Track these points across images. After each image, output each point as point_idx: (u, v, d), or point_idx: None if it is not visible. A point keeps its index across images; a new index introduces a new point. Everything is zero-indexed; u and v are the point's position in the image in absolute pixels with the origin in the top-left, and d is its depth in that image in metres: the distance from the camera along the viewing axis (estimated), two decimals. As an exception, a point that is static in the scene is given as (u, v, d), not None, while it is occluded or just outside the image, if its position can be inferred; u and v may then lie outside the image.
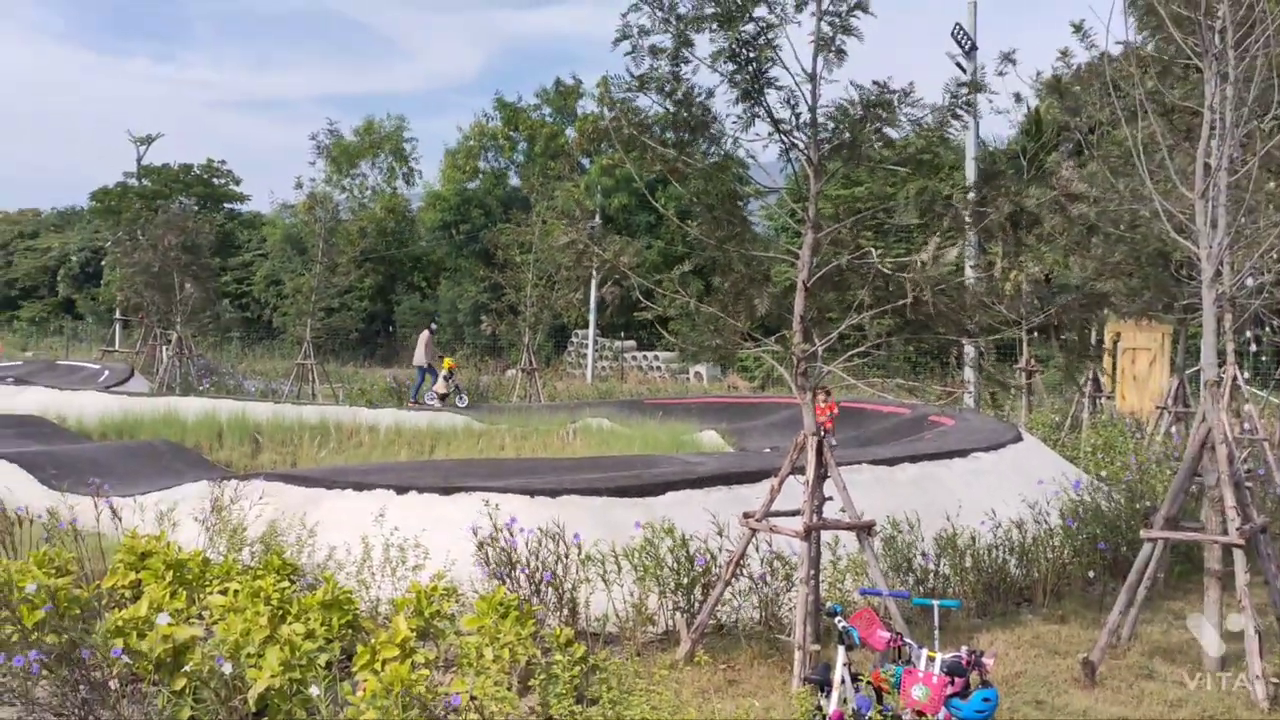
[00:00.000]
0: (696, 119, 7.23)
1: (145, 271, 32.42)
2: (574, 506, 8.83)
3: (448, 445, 18.56)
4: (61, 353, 48.65)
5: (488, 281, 33.68)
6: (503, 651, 5.92)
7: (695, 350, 7.87)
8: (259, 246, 57.26)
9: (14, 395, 23.64)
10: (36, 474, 12.53)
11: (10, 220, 74.26)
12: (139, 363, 36.11)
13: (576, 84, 53.54)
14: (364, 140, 56.40)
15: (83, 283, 64.28)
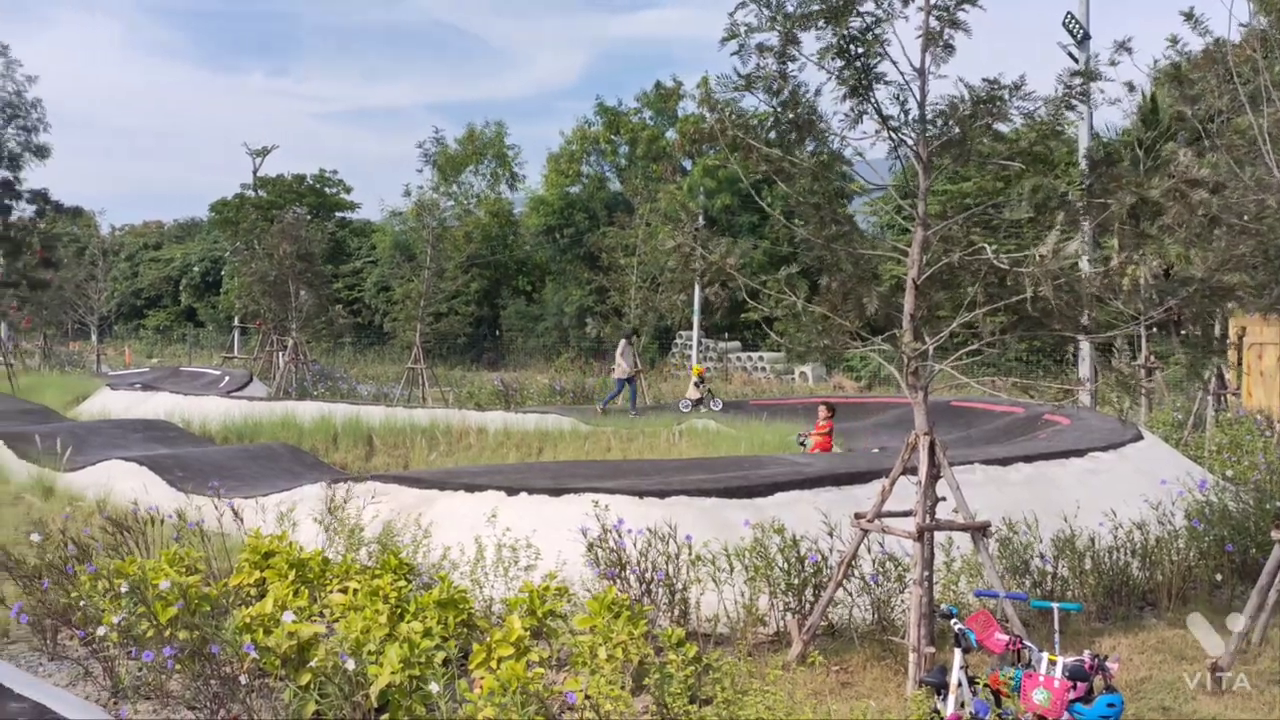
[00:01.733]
0: (803, 117, 7.18)
1: (262, 280, 33.40)
2: (683, 507, 8.84)
3: (555, 447, 18.74)
4: (184, 359, 50.38)
5: (592, 284, 33.94)
6: (616, 651, 5.96)
7: (803, 351, 7.79)
8: (369, 253, 58.53)
9: (142, 400, 24.60)
10: (164, 476, 13.00)
11: (136, 233, 77.18)
12: (257, 368, 37.21)
13: (677, 86, 53.61)
14: (466, 147, 57.25)
15: (203, 291, 66.50)
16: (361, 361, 47.83)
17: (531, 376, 37.71)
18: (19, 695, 5.22)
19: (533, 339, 52.77)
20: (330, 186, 65.04)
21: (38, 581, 7.70)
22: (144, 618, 6.72)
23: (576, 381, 33.66)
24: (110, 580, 7.15)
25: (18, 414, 20.43)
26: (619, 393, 25.71)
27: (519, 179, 58.77)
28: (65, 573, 7.71)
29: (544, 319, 52.51)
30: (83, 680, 6.84)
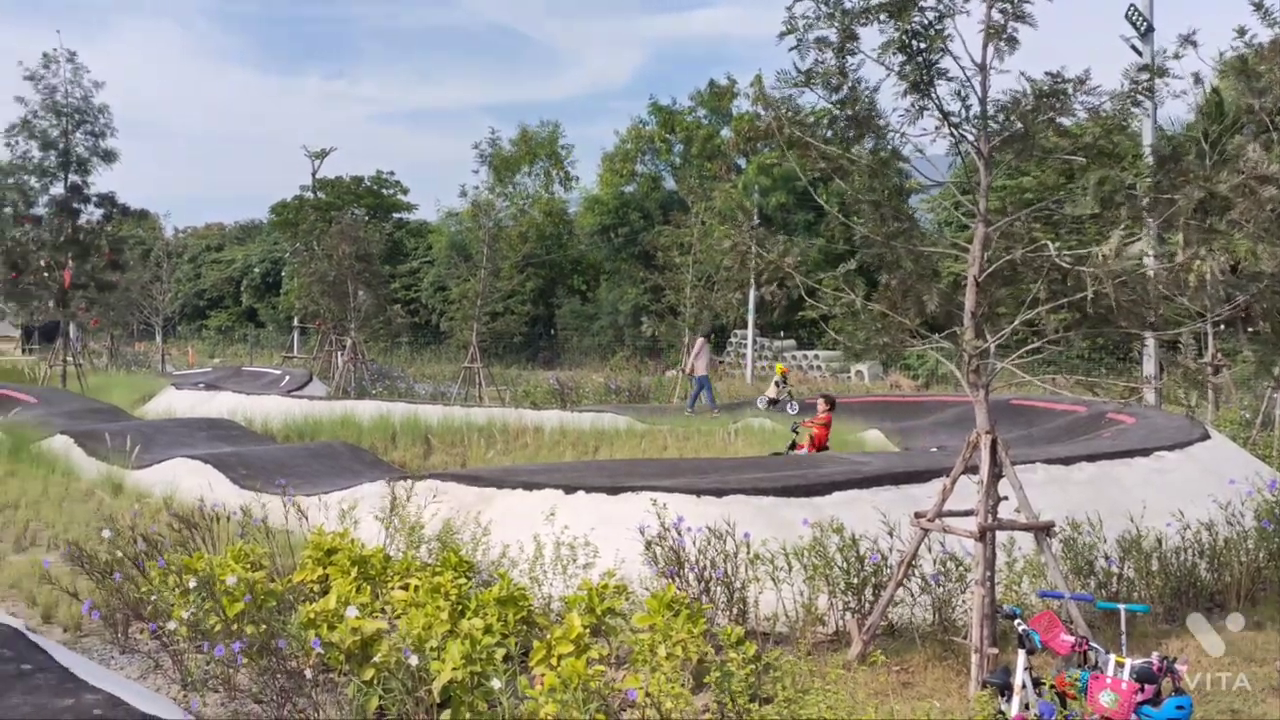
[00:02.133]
0: (861, 114, 7.14)
1: (321, 280, 33.87)
2: (740, 506, 8.83)
3: (611, 446, 18.78)
4: (246, 359, 51.16)
5: (647, 283, 33.99)
6: (675, 649, 5.97)
7: (862, 348, 7.75)
8: (425, 254, 59.08)
9: (206, 400, 25.03)
10: (228, 474, 13.22)
11: (199, 235, 78.53)
12: (316, 368, 37.66)
13: (731, 84, 53.53)
14: (520, 148, 57.53)
15: (264, 292, 67.48)
16: (418, 361, 48.28)
17: (587, 375, 37.84)
18: (93, 687, 5.34)
19: (588, 338, 52.94)
20: (387, 188, 65.67)
21: (109, 576, 7.88)
22: (212, 612, 6.85)
23: (632, 380, 33.72)
24: (179, 575, 7.29)
25: (87, 413, 20.87)
26: (710, 390, 25.54)
27: (572, 179, 58.98)
28: (136, 567, 7.88)
29: (599, 318, 52.66)
30: (153, 673, 6.99)
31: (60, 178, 29.59)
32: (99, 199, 30.11)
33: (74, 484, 14.38)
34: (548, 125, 58.87)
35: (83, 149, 29.59)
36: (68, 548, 8.78)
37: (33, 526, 11.58)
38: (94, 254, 29.90)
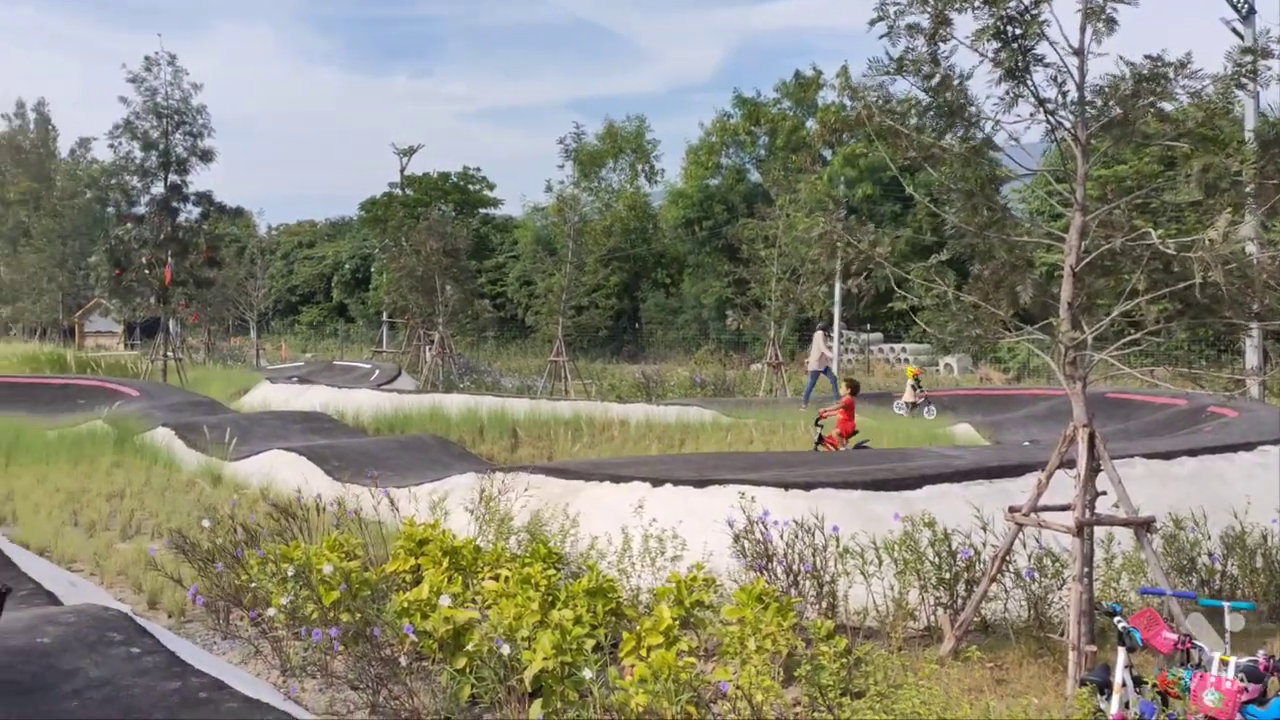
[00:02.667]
0: (954, 102, 7.03)
1: (410, 275, 34.39)
2: (829, 499, 8.77)
3: (696, 439, 18.79)
4: (336, 353, 52.15)
5: (731, 276, 33.87)
6: (765, 642, 5.95)
7: (953, 340, 7.63)
8: (511, 248, 59.61)
9: (299, 393, 25.58)
10: (322, 466, 13.49)
11: (291, 232, 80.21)
12: (405, 362, 38.26)
13: (816, 75, 53.03)
14: (606, 142, 57.69)
15: (354, 288, 68.71)
16: (504, 355, 48.77)
17: (671, 369, 37.85)
18: (198, 671, 5.50)
19: (672, 331, 52.97)
20: (474, 184, 66.40)
21: (211, 564, 8.10)
22: (309, 600, 7.00)
23: (717, 374, 33.66)
24: (277, 564, 7.47)
25: (187, 406, 21.46)
26: (812, 386, 25.28)
27: (657, 172, 59.00)
28: (235, 556, 8.09)
29: (683, 311, 52.64)
30: (253, 658, 7.17)
31: (160, 177, 30.45)
32: (197, 198, 30.94)
33: (175, 474, 14.81)
34: (634, 120, 58.99)
35: (182, 149, 30.42)
36: (171, 536, 9.04)
37: (137, 515, 11.94)
38: (193, 251, 30.73)
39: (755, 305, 30.48)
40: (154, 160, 30.31)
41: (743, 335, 39.83)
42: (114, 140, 30.22)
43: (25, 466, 14.88)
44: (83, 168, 78.06)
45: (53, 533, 10.70)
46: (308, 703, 6.24)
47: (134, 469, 15.09)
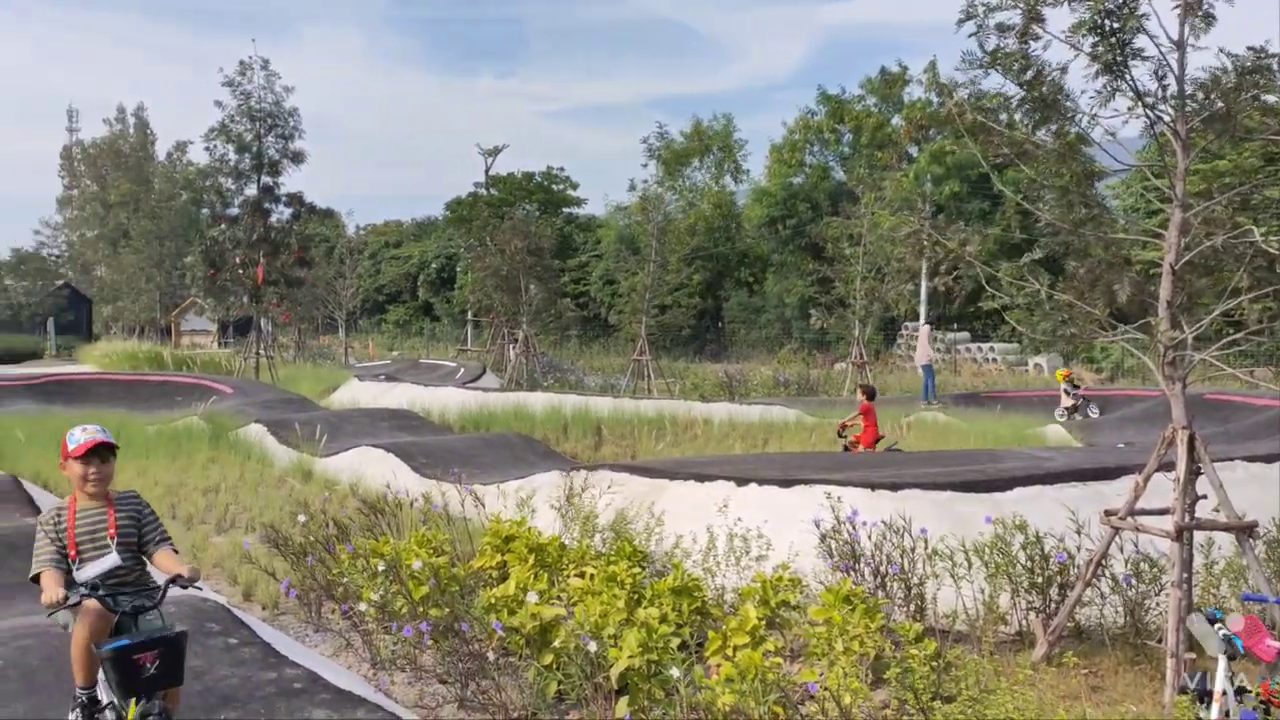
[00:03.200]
0: (1048, 97, 6.89)
1: (494, 274, 34.72)
2: (916, 500, 8.67)
3: (780, 438, 18.70)
4: (422, 352, 52.84)
5: (815, 275, 33.63)
6: (852, 643, 5.90)
7: (1047, 340, 7.49)
8: (594, 247, 59.86)
9: (386, 391, 26.00)
10: (409, 462, 13.69)
11: (378, 232, 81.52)
12: (489, 360, 38.63)
13: (902, 71, 52.43)
14: (692, 141, 57.66)
15: (439, 287, 69.59)
16: (587, 353, 48.98)
17: (754, 368, 37.70)
18: (293, 662, 5.62)
19: (755, 330, 52.77)
20: (557, 183, 66.80)
21: (303, 559, 8.26)
22: (399, 595, 7.11)
23: (800, 373, 33.46)
24: (367, 559, 7.60)
25: (279, 403, 21.93)
26: (930, 381, 24.85)
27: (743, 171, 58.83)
28: (327, 551, 8.24)
29: (766, 310, 52.41)
30: (344, 651, 7.30)
31: (253, 179, 31.13)
32: (288, 198, 31.58)
33: (268, 470, 15.14)
34: (722, 118, 58.90)
35: (274, 151, 31.07)
36: (264, 531, 9.25)
37: (232, 509, 12.23)
38: (284, 251, 31.37)
39: (839, 304, 30.23)
40: (247, 162, 31.00)
41: (826, 334, 39.50)
42: (209, 143, 30.99)
43: (127, 460, 15.33)
44: (179, 170, 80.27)
45: (153, 526, 10.99)
46: (398, 695, 6.33)
47: (228, 464, 15.47)
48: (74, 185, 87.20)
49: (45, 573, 4.55)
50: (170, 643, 4.43)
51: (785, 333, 50.44)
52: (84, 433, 4.82)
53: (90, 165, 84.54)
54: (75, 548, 4.66)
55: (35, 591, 7.27)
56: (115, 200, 76.77)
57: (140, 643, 4.35)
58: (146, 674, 4.32)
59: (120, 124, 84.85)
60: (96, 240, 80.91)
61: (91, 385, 27.68)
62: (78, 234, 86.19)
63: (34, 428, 16.98)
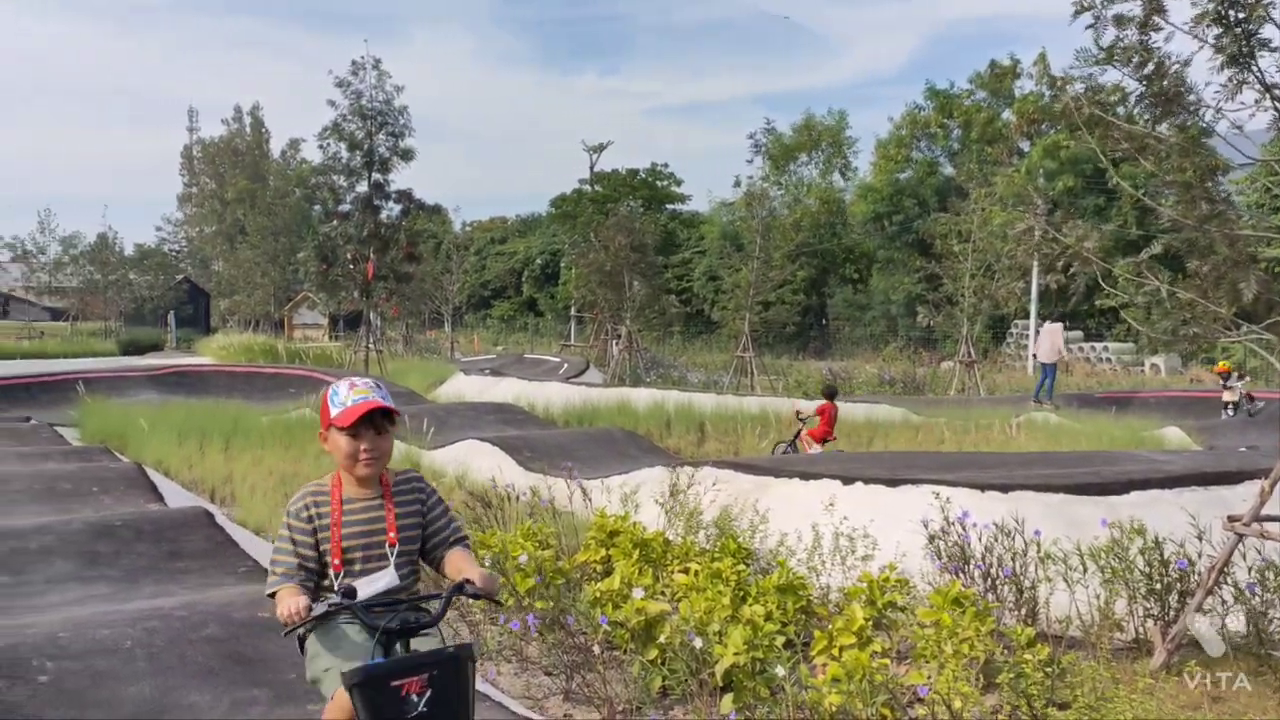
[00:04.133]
0: (1169, 90, 6.68)
1: (598, 270, 34.96)
2: (1028, 502, 8.49)
3: (885, 437, 18.48)
4: (526, 347, 53.44)
5: (923, 272, 33.13)
6: (962, 646, 5.80)
7: (1168, 340, 7.27)
8: (698, 244, 59.85)
9: (491, 385, 26.38)
10: (515, 456, 13.85)
11: (483, 228, 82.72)
12: (592, 356, 38.89)
13: (1013, 64, 51.36)
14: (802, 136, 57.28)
15: (543, 283, 70.33)
16: (690, 350, 49.01)
17: (859, 366, 37.32)
18: (404, 650, 5.73)
19: (859, 328, 52.23)
20: (661, 179, 66.97)
21: (463, 548, 8.40)
22: (505, 587, 7.20)
23: (906, 371, 33.03)
24: (475, 551, 7.71)
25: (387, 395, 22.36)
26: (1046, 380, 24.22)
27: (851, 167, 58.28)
28: (435, 541, 8.38)
29: (871, 308, 51.83)
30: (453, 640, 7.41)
31: (364, 176, 31.76)
32: (398, 195, 32.14)
33: (378, 462, 15.44)
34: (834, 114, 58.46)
35: (384, 149, 31.64)
36: (375, 520, 9.44)
37: (343, 500, 12.50)
38: (393, 247, 31.94)
39: (947, 302, 29.73)
40: (359, 160, 31.62)
41: (933, 332, 38.90)
42: (322, 141, 31.68)
43: (243, 450, 15.81)
44: (293, 168, 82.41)
45: (267, 514, 11.32)
46: (504, 686, 6.42)
47: (340, 455, 15.82)
48: (193, 183, 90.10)
49: (279, 590, 3.36)
50: (448, 663, 3.21)
51: (891, 330, 49.82)
52: (352, 391, 3.56)
53: (209, 163, 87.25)
54: (340, 556, 3.45)
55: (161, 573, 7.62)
56: (232, 197, 79.13)
57: (403, 664, 3.17)
58: (414, 711, 3.09)
59: (237, 123, 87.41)
60: (214, 236, 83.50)
61: (210, 376, 28.67)
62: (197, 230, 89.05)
63: (156, 417, 17.62)
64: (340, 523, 3.49)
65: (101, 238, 63.27)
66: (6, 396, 23.68)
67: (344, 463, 3.54)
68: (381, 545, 3.51)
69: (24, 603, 6.72)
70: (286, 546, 3.48)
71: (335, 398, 3.55)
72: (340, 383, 3.63)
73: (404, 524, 3.58)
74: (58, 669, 5.16)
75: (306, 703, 5.02)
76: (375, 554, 3.50)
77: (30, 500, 10.03)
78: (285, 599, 3.26)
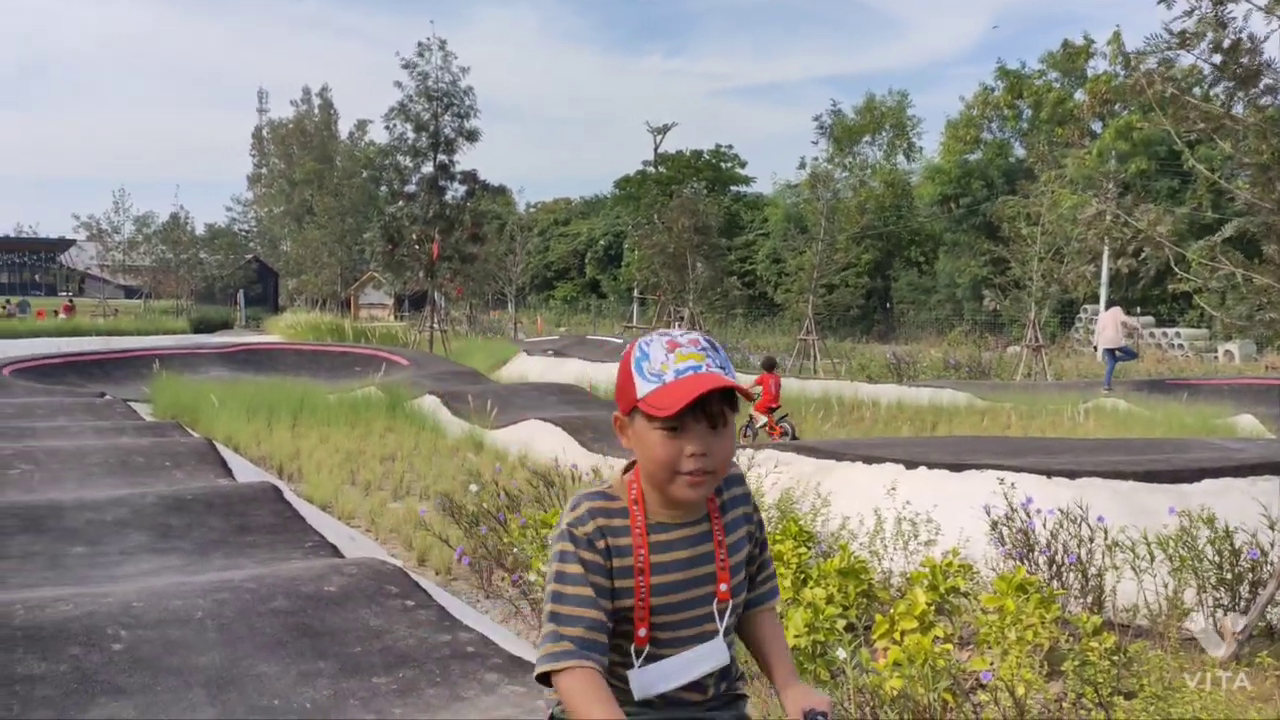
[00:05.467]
0: (1248, 69, 6.53)
1: (661, 252, 34.96)
2: (1095, 489, 8.35)
3: (950, 422, 18.30)
4: (589, 328, 53.60)
5: (989, 255, 32.68)
6: (1026, 633, 5.75)
7: (1244, 325, 7.13)
8: (761, 226, 59.58)
9: (554, 366, 26.52)
10: (577, 437, 13.91)
11: (547, 209, 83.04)
12: (655, 338, 38.82)
13: (1087, 44, 50.30)
14: (865, 118, 56.72)
15: (606, 264, 70.48)
16: (753, 332, 48.85)
17: (923, 350, 36.95)
18: (466, 626, 5.81)
19: (924, 311, 51.72)
20: (725, 161, 66.72)
21: (476, 527, 8.52)
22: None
23: (971, 356, 32.63)
24: (537, 530, 7.78)
25: (451, 375, 22.60)
26: (1113, 366, 23.76)
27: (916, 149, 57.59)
28: (498, 520, 8.47)
29: (936, 291, 51.29)
30: (513, 618, 7.50)
31: (430, 157, 32.03)
32: (463, 176, 32.39)
33: (441, 440, 15.63)
34: (895, 94, 57.80)
35: (450, 130, 31.89)
36: (439, 499, 9.56)
37: (407, 477, 12.68)
38: (458, 228, 32.21)
39: (1015, 285, 29.29)
40: (424, 141, 31.90)
41: (999, 316, 38.35)
42: (389, 122, 32.01)
43: (310, 427, 16.08)
44: (360, 149, 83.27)
45: (333, 490, 11.51)
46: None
47: (404, 433, 16.04)
48: (263, 164, 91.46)
49: (571, 674, 2.04)
50: None
51: (956, 314, 49.24)
52: (673, 355, 2.16)
53: (278, 144, 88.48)
54: (647, 621, 2.16)
55: (231, 546, 7.82)
56: (300, 178, 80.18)
57: None
58: None
59: (306, 105, 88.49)
60: (283, 216, 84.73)
61: (278, 354, 29.15)
62: (266, 210, 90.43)
63: (226, 393, 17.96)
64: (649, 568, 2.16)
65: (173, 217, 64.47)
66: (83, 373, 24.30)
67: (656, 473, 2.15)
68: (707, 603, 2.22)
69: (101, 572, 6.91)
70: (578, 591, 2.10)
71: (644, 363, 2.17)
72: (653, 339, 2.21)
73: (735, 563, 2.28)
74: (132, 637, 5.30)
75: (371, 676, 5.11)
76: (695, 616, 2.21)
77: (106, 473, 10.28)
78: (587, 697, 2.01)
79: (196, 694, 4.84)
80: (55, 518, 8.08)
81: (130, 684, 4.88)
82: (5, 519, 7.94)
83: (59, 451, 11.12)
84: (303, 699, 4.85)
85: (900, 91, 59.45)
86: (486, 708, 4.83)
